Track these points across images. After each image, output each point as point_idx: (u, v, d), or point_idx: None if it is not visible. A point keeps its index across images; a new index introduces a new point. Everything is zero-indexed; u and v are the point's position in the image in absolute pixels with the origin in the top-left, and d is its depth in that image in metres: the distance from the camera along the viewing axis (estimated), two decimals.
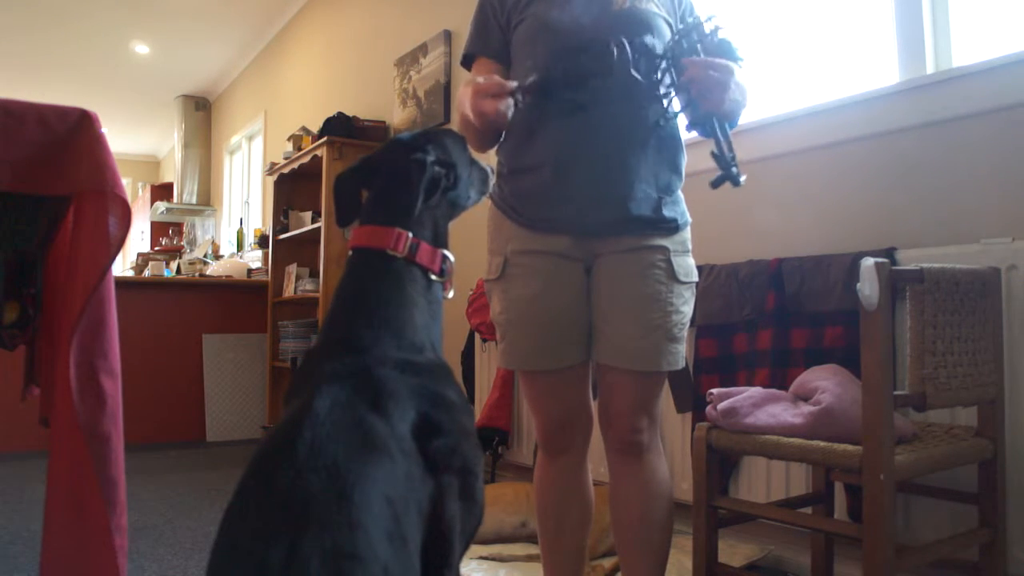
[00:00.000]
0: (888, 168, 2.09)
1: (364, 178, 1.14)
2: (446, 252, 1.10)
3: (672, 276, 1.47)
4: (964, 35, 2.06)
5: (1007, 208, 1.84)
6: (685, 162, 1.57)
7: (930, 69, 2.07)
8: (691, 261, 1.53)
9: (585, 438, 1.61)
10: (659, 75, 1.40)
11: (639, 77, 1.37)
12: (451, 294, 1.13)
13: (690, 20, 1.43)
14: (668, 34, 1.46)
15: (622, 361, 1.47)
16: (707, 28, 1.40)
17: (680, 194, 1.56)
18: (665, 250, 1.48)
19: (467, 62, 1.65)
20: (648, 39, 1.42)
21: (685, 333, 1.50)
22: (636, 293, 1.46)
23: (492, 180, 1.30)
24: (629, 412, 1.49)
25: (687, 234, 1.54)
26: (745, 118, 2.57)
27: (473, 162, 1.25)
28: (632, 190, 1.45)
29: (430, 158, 1.08)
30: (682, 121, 1.49)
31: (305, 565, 0.71)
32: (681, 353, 1.50)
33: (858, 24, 2.37)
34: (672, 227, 1.50)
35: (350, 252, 1.08)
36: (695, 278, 1.53)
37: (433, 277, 1.07)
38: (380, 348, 0.98)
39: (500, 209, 1.56)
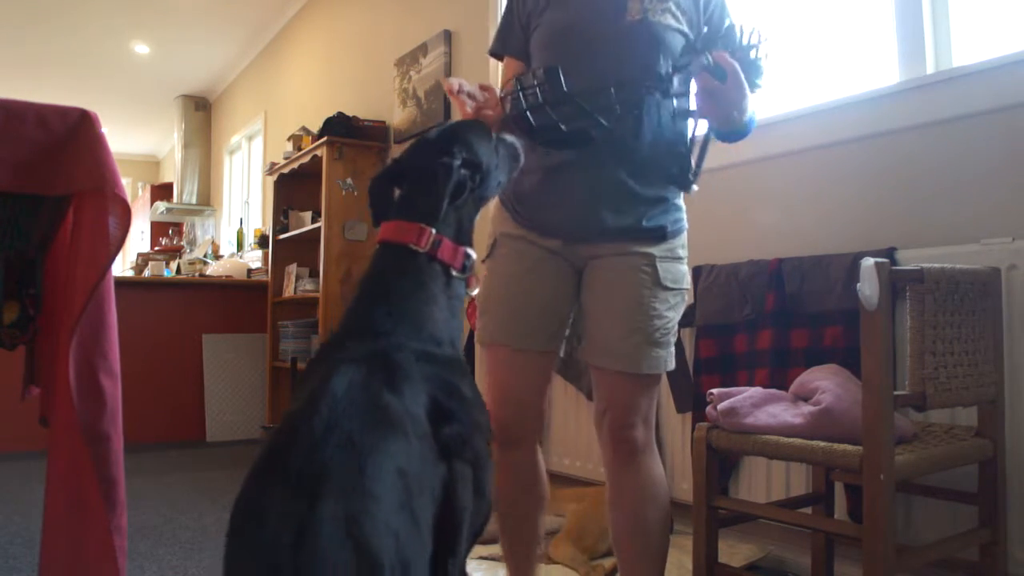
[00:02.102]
0: (888, 168, 2.09)
1: (395, 178, 1.16)
2: (468, 250, 1.12)
3: (657, 282, 1.48)
4: (964, 35, 2.06)
5: (1007, 208, 1.84)
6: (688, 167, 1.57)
7: (930, 69, 2.07)
8: (682, 268, 1.53)
9: (536, 431, 1.63)
10: (672, 78, 1.41)
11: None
12: (475, 291, 1.15)
13: (726, 24, 1.43)
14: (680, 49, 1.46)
15: (606, 362, 1.50)
16: (745, 39, 1.40)
17: (677, 202, 1.55)
18: (651, 256, 1.48)
19: (497, 57, 1.69)
20: (657, 61, 1.42)
21: (671, 338, 1.51)
22: (620, 296, 1.48)
23: (522, 155, 1.29)
24: (616, 409, 1.51)
25: (679, 241, 1.54)
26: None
27: (499, 143, 1.24)
28: (616, 202, 1.47)
29: (456, 162, 1.10)
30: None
31: (319, 529, 0.74)
32: (664, 357, 1.49)
33: (858, 24, 2.37)
34: (659, 235, 1.50)
35: (377, 246, 1.10)
36: (685, 285, 1.53)
37: (454, 273, 1.09)
38: (398, 336, 0.99)
39: (503, 204, 1.60)
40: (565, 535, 2.32)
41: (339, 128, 4.44)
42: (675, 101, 1.44)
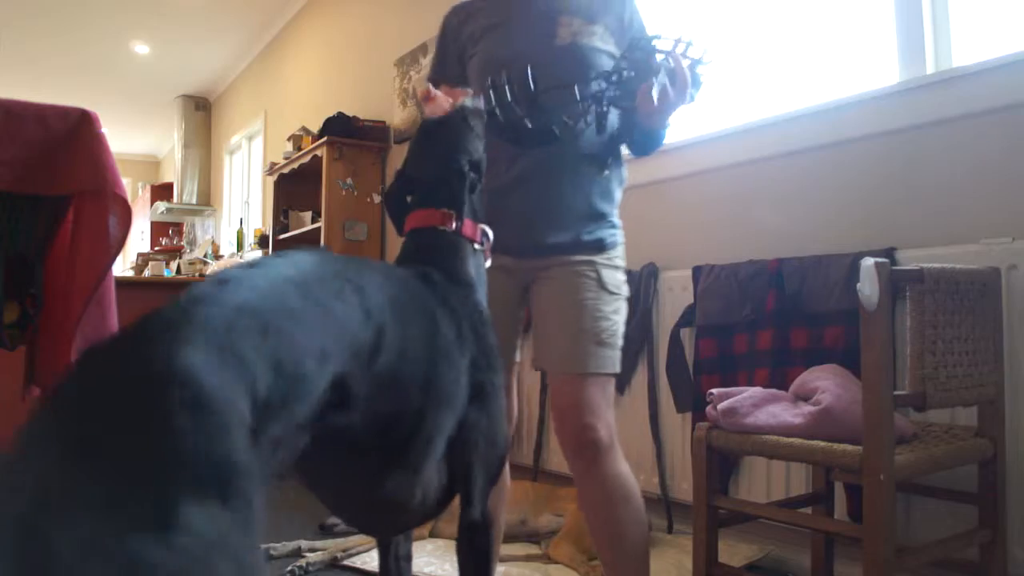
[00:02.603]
0: (888, 168, 2.09)
1: (406, 189, 1.25)
2: (485, 227, 1.24)
3: (601, 286, 1.55)
4: (964, 35, 2.06)
5: (1007, 208, 1.84)
6: (623, 185, 1.65)
7: (930, 69, 2.07)
8: (621, 276, 1.60)
9: None
10: (602, 93, 1.45)
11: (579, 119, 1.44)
12: (489, 263, 1.27)
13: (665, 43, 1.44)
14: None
15: (559, 365, 1.54)
16: (697, 54, 1.44)
17: (613, 219, 1.62)
18: (593, 263, 1.56)
19: (435, 86, 1.73)
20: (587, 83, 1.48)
21: (618, 340, 1.56)
22: (567, 301, 1.54)
23: (483, 111, 1.36)
24: (575, 412, 1.53)
25: (617, 252, 1.61)
26: (745, 119, 2.58)
27: (477, 119, 1.32)
28: (557, 221, 1.54)
29: (465, 168, 1.23)
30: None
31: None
32: (613, 358, 1.55)
33: (858, 24, 2.37)
34: (598, 247, 1.57)
35: (405, 236, 1.21)
36: (625, 292, 1.60)
37: (476, 246, 1.22)
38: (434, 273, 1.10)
39: None
40: (565, 535, 2.32)
41: (339, 128, 4.44)
42: (612, 91, 1.47)
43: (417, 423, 0.90)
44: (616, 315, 1.56)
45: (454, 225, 1.19)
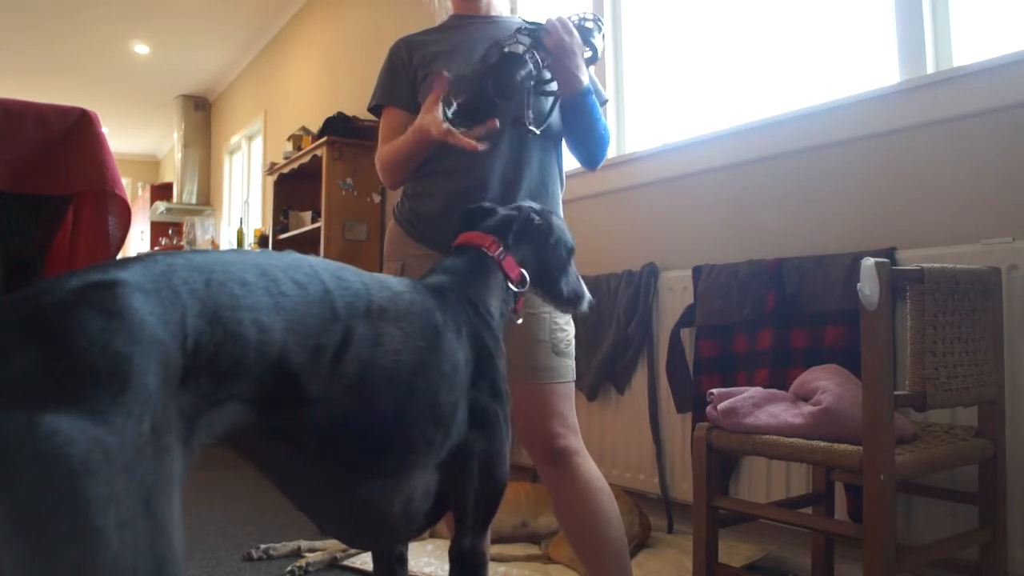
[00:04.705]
0: (888, 168, 2.09)
1: (481, 215, 1.34)
2: (526, 273, 1.28)
3: None
4: (964, 35, 2.06)
5: (1007, 208, 1.84)
6: (561, 194, 1.72)
7: (930, 69, 2.07)
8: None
9: None
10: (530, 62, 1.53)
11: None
12: (520, 320, 1.30)
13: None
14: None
15: (526, 376, 1.57)
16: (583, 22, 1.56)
17: None
18: None
19: (376, 112, 1.80)
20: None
21: (571, 350, 1.64)
22: (526, 314, 1.58)
23: (586, 302, 1.42)
24: (540, 420, 1.57)
25: None
26: (745, 119, 2.58)
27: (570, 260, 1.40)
28: None
29: (515, 213, 1.31)
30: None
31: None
32: (571, 366, 1.63)
33: (858, 24, 2.37)
34: None
35: (454, 249, 1.28)
36: None
37: (511, 286, 1.24)
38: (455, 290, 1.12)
39: (400, 224, 1.70)
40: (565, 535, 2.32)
41: (339, 128, 4.44)
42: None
43: (396, 431, 0.89)
44: (568, 326, 1.64)
45: (497, 253, 1.24)
